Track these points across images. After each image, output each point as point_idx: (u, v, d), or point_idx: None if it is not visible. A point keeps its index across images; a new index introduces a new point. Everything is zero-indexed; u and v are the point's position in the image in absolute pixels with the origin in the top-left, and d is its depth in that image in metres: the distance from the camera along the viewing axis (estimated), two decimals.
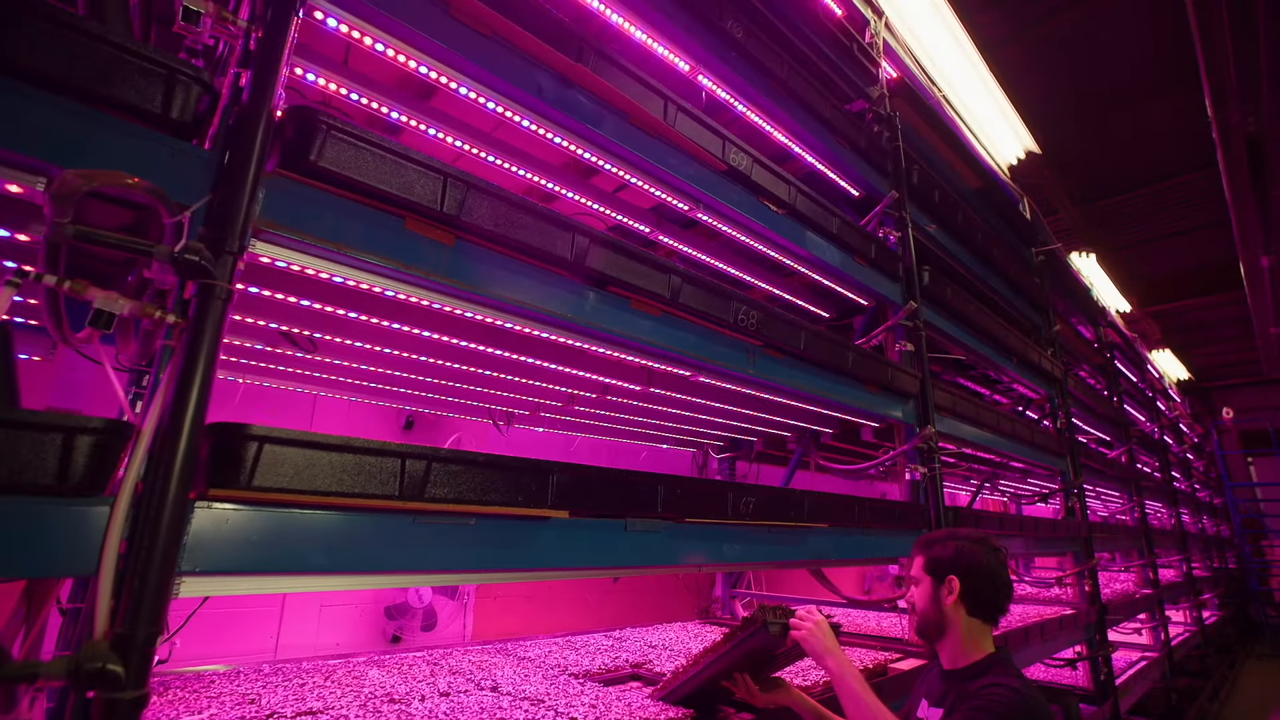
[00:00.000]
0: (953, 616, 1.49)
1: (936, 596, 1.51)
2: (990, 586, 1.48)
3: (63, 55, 0.95)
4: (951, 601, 1.48)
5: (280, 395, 2.80)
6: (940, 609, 1.50)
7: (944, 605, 1.49)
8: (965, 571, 1.48)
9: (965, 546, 1.52)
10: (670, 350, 1.80)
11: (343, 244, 1.22)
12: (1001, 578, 1.50)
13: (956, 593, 1.48)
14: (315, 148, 1.16)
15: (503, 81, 1.60)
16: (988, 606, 1.49)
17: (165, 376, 0.99)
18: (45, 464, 0.86)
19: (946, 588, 1.49)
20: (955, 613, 1.48)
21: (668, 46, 2.20)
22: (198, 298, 1.00)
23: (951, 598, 1.48)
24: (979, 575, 1.48)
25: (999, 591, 1.50)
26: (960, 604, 1.48)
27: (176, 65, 1.04)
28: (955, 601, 1.48)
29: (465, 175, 1.35)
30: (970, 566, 1.49)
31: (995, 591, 1.49)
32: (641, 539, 1.60)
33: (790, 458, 3.59)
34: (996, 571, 1.50)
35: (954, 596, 1.48)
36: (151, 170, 1.03)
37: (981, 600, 1.48)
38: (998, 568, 1.51)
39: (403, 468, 1.18)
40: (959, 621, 1.48)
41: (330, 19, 1.38)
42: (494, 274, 1.44)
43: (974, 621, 1.48)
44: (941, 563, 1.52)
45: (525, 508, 1.34)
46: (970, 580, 1.48)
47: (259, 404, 2.86)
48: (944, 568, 1.51)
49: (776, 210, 2.34)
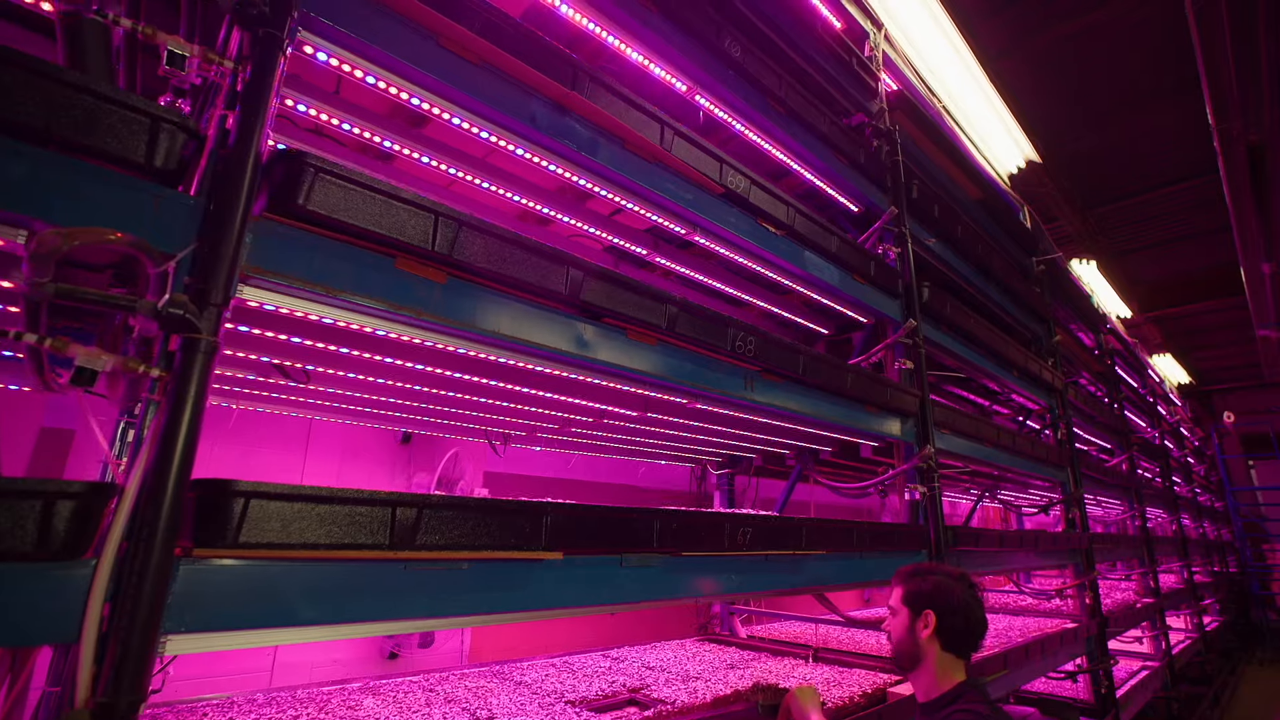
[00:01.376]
0: (927, 649, 1.54)
1: (913, 629, 1.57)
2: (965, 623, 1.54)
3: (42, 107, 0.93)
4: (927, 635, 1.54)
5: (275, 417, 2.79)
6: (915, 641, 1.56)
7: (919, 638, 1.55)
8: (942, 607, 1.54)
9: (944, 582, 1.57)
10: (667, 380, 1.78)
11: (332, 287, 1.20)
12: (976, 615, 1.56)
13: (932, 627, 1.54)
14: (303, 191, 1.14)
15: (495, 111, 1.58)
16: (962, 642, 1.54)
17: (149, 433, 0.97)
18: (24, 531, 0.84)
19: (923, 621, 1.55)
20: (930, 646, 1.54)
21: (665, 68, 2.18)
22: (182, 351, 0.98)
23: (927, 631, 1.54)
24: (955, 611, 1.53)
25: (973, 628, 1.56)
26: (935, 638, 1.54)
27: (160, 113, 1.02)
28: (930, 635, 1.54)
29: (457, 213, 1.33)
30: (947, 602, 1.54)
31: (969, 628, 1.55)
32: (638, 574, 1.58)
33: (789, 472, 3.58)
34: (972, 608, 1.55)
35: (929, 630, 1.54)
36: (135, 219, 1.01)
37: (956, 635, 1.54)
38: (974, 605, 1.56)
39: (393, 516, 1.16)
40: (933, 654, 1.54)
41: (320, 53, 1.37)
42: (487, 310, 1.42)
43: (947, 655, 1.54)
44: (920, 596, 1.58)
45: (519, 551, 1.32)
46: (946, 616, 1.54)
47: (253, 427, 2.84)
48: (922, 601, 1.57)
49: (775, 231, 2.32)
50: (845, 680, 2.40)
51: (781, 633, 3.35)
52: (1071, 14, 4.50)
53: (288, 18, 1.18)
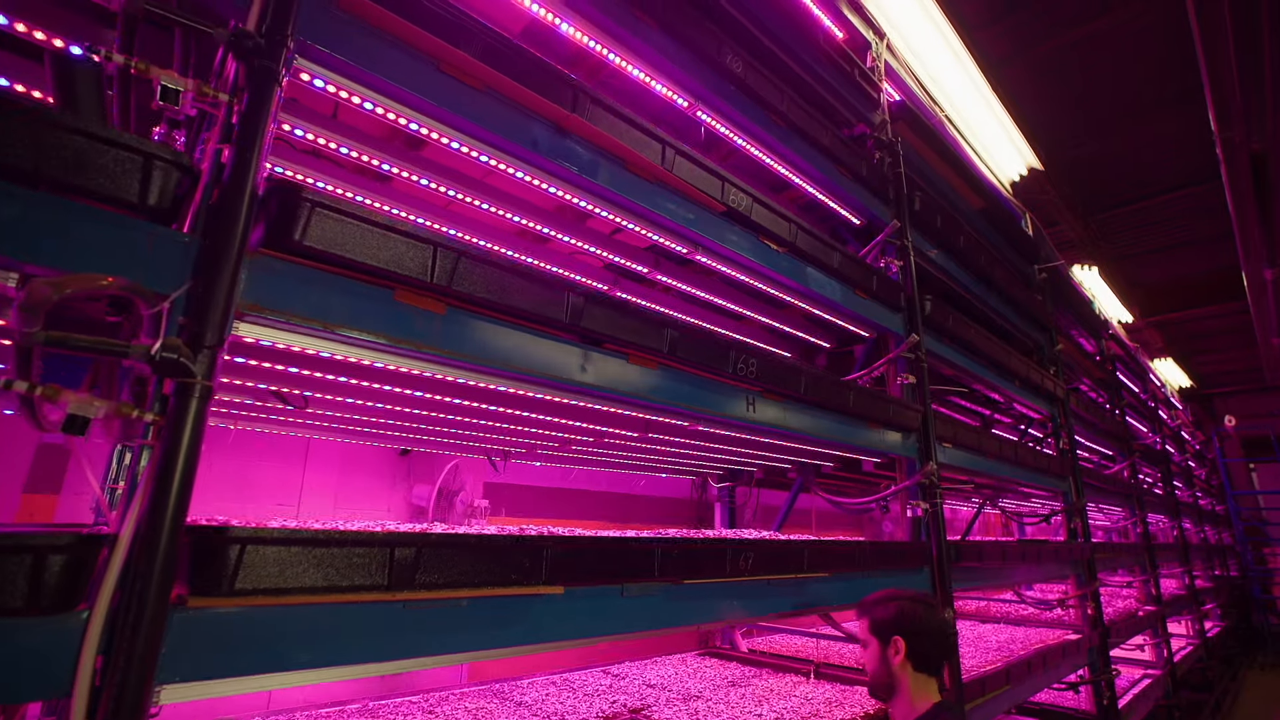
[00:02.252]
0: (900, 675, 1.61)
1: (885, 657, 1.64)
2: (932, 643, 1.61)
3: (32, 148, 0.92)
4: (899, 661, 1.61)
5: (273, 435, 2.77)
6: (889, 669, 1.62)
7: (892, 665, 1.62)
8: (909, 631, 1.62)
9: (906, 607, 1.65)
10: (668, 404, 1.76)
11: (331, 322, 1.18)
12: (941, 632, 1.65)
13: (903, 652, 1.61)
14: (299, 227, 1.13)
15: (496, 135, 1.56)
16: (933, 661, 1.61)
17: (143, 478, 0.96)
18: (15, 587, 0.83)
19: (893, 648, 1.62)
20: (903, 671, 1.61)
21: (666, 84, 2.16)
22: (176, 396, 0.97)
23: (899, 657, 1.61)
24: (921, 633, 1.61)
25: (940, 646, 1.63)
26: (907, 662, 1.61)
27: (153, 150, 1.01)
28: (903, 660, 1.61)
29: (455, 244, 1.32)
30: (913, 625, 1.62)
31: (937, 646, 1.62)
32: (639, 603, 1.57)
33: (791, 483, 3.56)
34: (936, 627, 1.64)
35: (901, 656, 1.61)
36: (128, 259, 0.99)
37: (926, 657, 1.60)
38: (937, 623, 1.65)
39: (391, 557, 1.14)
40: (906, 679, 1.61)
41: (317, 80, 1.35)
42: (488, 339, 1.41)
43: (920, 676, 1.61)
44: (886, 624, 1.65)
45: (519, 587, 1.30)
46: (914, 639, 1.61)
47: (251, 441, 2.82)
48: (888, 629, 1.64)
49: (777, 249, 2.30)
50: (847, 700, 2.38)
51: (783, 646, 3.34)
52: (1073, 22, 4.48)
53: (283, 49, 1.16)
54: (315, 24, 1.27)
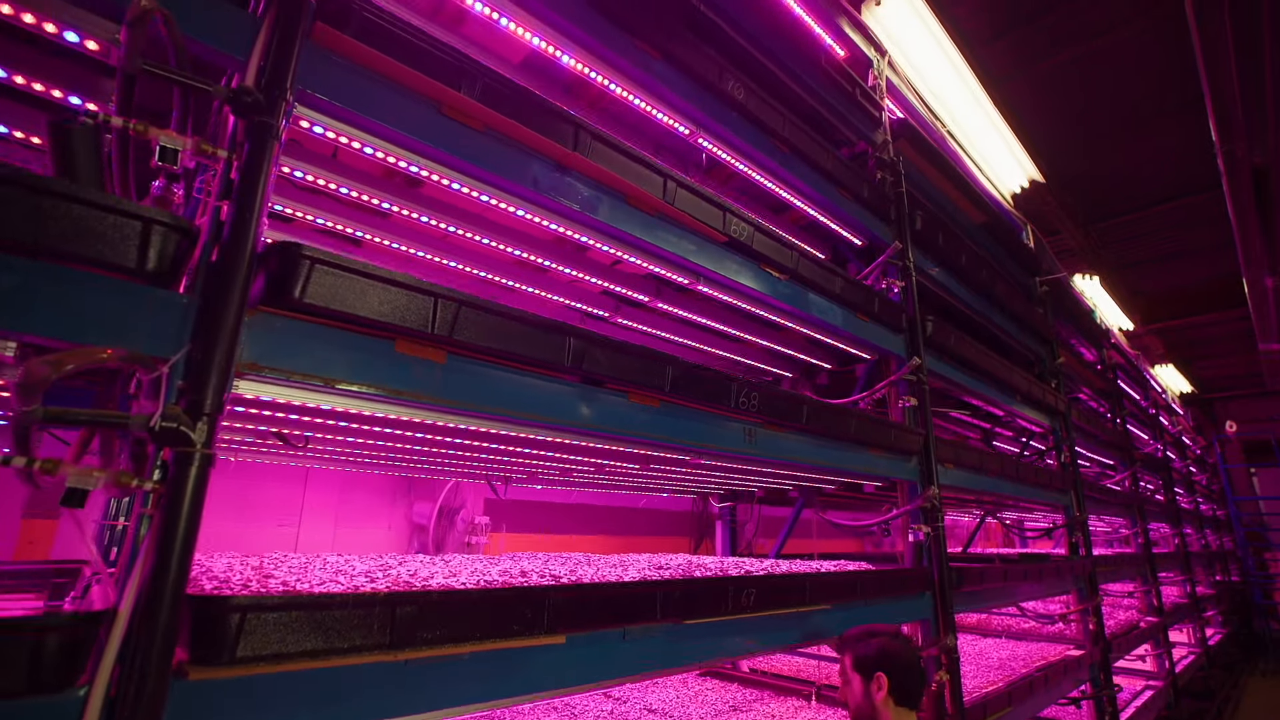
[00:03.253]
0: (883, 710, 1.67)
1: (868, 693, 1.70)
2: (912, 678, 1.70)
3: (30, 219, 0.91)
4: (882, 697, 1.67)
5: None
6: (873, 704, 1.69)
7: (875, 700, 1.68)
8: (890, 667, 1.68)
9: (887, 644, 1.73)
10: (670, 441, 1.76)
11: (332, 378, 1.18)
12: (918, 667, 1.74)
13: (886, 688, 1.67)
14: (299, 284, 1.12)
15: (495, 175, 1.55)
16: (912, 695, 1.70)
17: (143, 549, 0.95)
18: (15, 670, 0.82)
19: (876, 684, 1.69)
20: (885, 707, 1.67)
21: (668, 113, 2.15)
22: (176, 465, 0.96)
23: (881, 693, 1.67)
24: (902, 669, 1.69)
25: (918, 680, 1.72)
26: (889, 697, 1.67)
27: (152, 215, 1.00)
28: (885, 696, 1.67)
29: (456, 294, 1.31)
30: (894, 662, 1.69)
31: (916, 681, 1.71)
32: (640, 645, 1.56)
33: (792, 501, 3.56)
34: (914, 662, 1.73)
35: (884, 692, 1.67)
36: (127, 324, 0.98)
37: (907, 691, 1.68)
38: (915, 657, 1.75)
39: (393, 615, 1.14)
40: (889, 714, 1.67)
41: (316, 127, 1.34)
42: (489, 386, 1.40)
43: (901, 709, 1.67)
44: (868, 661, 1.71)
45: (520, 639, 1.30)
46: (896, 675, 1.68)
47: (252, 465, 2.82)
48: (870, 665, 1.71)
49: (779, 276, 2.30)
50: None
51: (783, 666, 3.33)
52: (1075, 37, 4.47)
53: (282, 102, 1.15)
54: (315, 72, 1.26)
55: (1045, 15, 4.52)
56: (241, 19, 1.19)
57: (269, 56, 1.18)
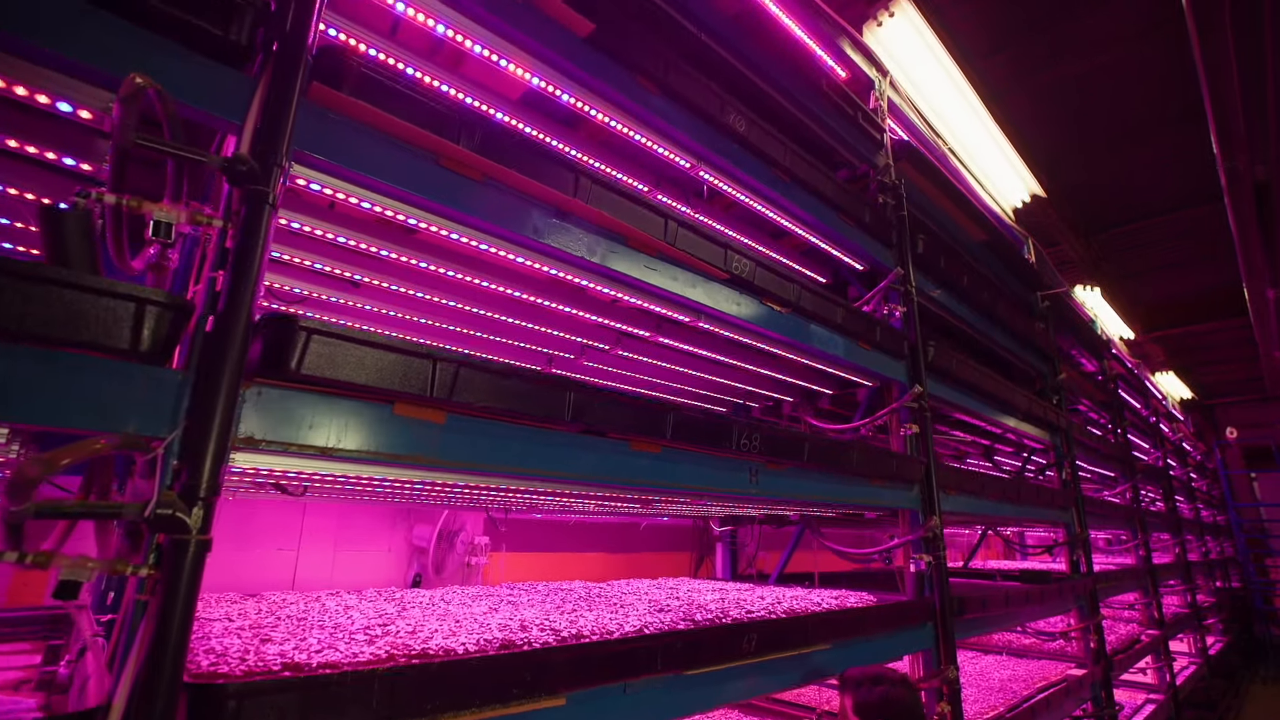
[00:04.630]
0: None
1: None
2: None
3: (21, 306, 0.89)
4: None
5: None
6: None
7: None
8: (892, 715, 1.69)
9: (890, 692, 1.73)
10: (672, 487, 1.75)
11: (329, 446, 1.16)
12: (920, 714, 1.75)
13: None
14: (295, 356, 1.11)
15: (494, 225, 1.54)
16: None
17: (139, 637, 0.94)
18: None
19: None
20: None
21: (668, 148, 2.13)
22: (171, 551, 0.95)
23: None
24: (902, 716, 1.69)
25: None
26: None
27: (146, 295, 0.98)
28: None
29: (454, 355, 1.30)
30: (896, 711, 1.69)
31: None
32: (641, 698, 1.55)
33: (793, 524, 3.55)
34: (916, 709, 1.74)
35: None
36: (121, 405, 0.97)
37: None
38: (917, 704, 1.76)
39: (392, 688, 1.12)
40: None
41: (313, 185, 1.33)
42: (488, 445, 1.38)
43: None
44: (871, 708, 1.72)
45: (520, 703, 1.28)
46: None
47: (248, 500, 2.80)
48: (873, 713, 1.71)
49: (780, 310, 2.28)
50: None
51: (784, 691, 3.32)
52: (1073, 51, 4.45)
53: (276, 169, 1.14)
54: (311, 131, 1.25)
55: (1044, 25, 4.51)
56: (237, 81, 1.18)
57: (265, 119, 1.16)
